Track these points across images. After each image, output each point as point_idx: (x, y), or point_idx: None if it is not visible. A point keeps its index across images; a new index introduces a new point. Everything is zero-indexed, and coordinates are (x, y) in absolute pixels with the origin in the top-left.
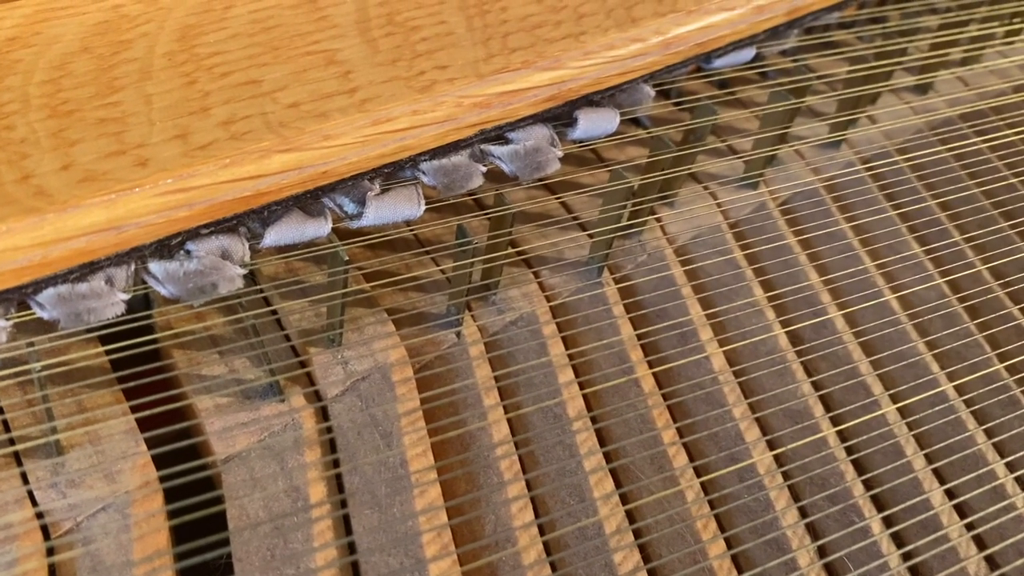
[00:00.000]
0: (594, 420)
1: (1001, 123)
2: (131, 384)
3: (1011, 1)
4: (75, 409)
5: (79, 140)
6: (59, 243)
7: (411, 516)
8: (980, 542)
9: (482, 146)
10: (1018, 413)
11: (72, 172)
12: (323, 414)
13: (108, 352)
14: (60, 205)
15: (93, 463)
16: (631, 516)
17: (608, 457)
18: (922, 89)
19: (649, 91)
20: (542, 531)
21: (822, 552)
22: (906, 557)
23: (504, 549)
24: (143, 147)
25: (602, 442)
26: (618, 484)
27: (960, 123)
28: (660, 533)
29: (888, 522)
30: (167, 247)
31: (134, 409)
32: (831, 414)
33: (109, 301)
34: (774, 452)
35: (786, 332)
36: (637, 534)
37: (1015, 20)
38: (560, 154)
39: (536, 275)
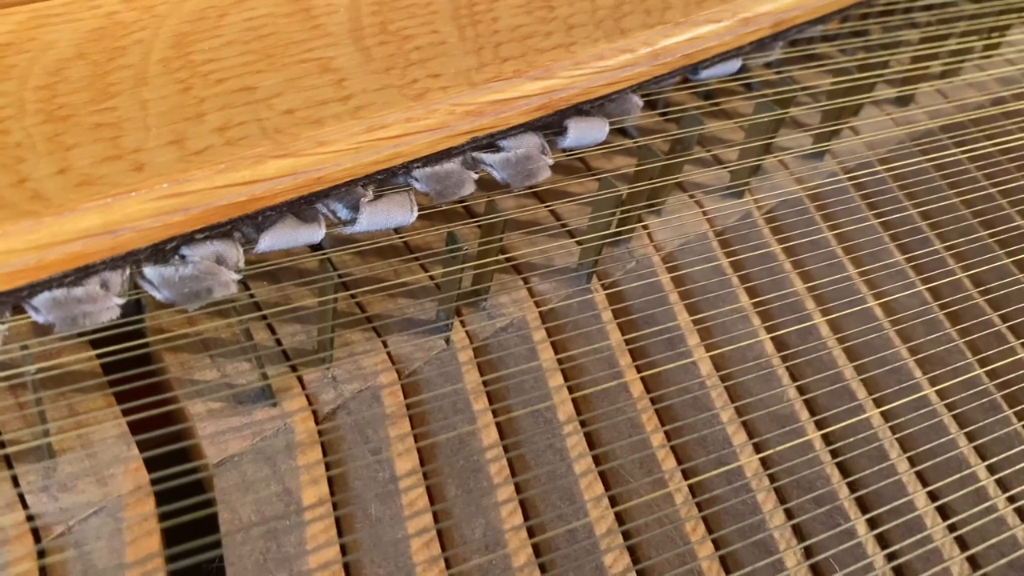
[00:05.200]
0: (584, 424)
1: (980, 135)
2: (123, 388)
3: (989, 16)
4: (67, 413)
5: (75, 145)
6: (55, 247)
7: (402, 519)
8: (962, 543)
9: (474, 154)
10: (998, 417)
11: (68, 176)
12: (315, 418)
13: (100, 356)
14: (56, 209)
15: (85, 467)
16: (620, 518)
17: (598, 460)
18: (903, 101)
19: (637, 101)
20: (532, 534)
21: (808, 553)
22: (890, 558)
23: (494, 552)
24: (139, 152)
25: (592, 445)
26: (608, 487)
27: (940, 135)
28: (649, 535)
29: (873, 524)
30: (162, 251)
31: (126, 413)
32: (816, 418)
33: (104, 305)
34: (761, 455)
35: (772, 338)
36: (627, 536)
37: (993, 34)
38: (550, 162)
39: (526, 281)
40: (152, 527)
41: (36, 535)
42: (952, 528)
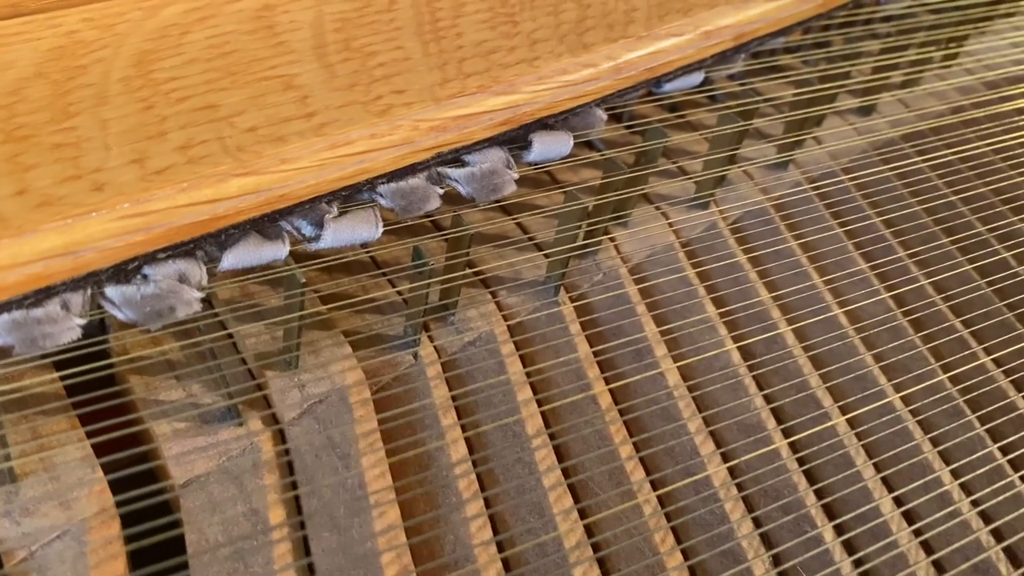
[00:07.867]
0: (552, 437)
1: (940, 143)
2: (87, 410)
3: (947, 27)
4: (29, 436)
5: (35, 165)
6: (14, 268)
7: (370, 537)
8: (927, 547)
9: (439, 168)
10: (961, 422)
11: (28, 197)
12: (281, 437)
13: (63, 378)
14: (15, 230)
15: (48, 490)
16: (590, 531)
17: (566, 473)
18: (865, 111)
19: (601, 114)
20: (501, 548)
21: (776, 561)
22: (857, 564)
23: (463, 567)
24: (100, 172)
25: (560, 458)
26: (577, 499)
27: (902, 143)
28: (618, 547)
29: (839, 530)
30: (124, 271)
31: (90, 435)
32: (783, 426)
33: (65, 326)
34: (728, 465)
35: (738, 347)
36: (596, 548)
37: (951, 45)
38: (516, 176)
39: (494, 295)
40: (117, 550)
41: None
42: (917, 533)
